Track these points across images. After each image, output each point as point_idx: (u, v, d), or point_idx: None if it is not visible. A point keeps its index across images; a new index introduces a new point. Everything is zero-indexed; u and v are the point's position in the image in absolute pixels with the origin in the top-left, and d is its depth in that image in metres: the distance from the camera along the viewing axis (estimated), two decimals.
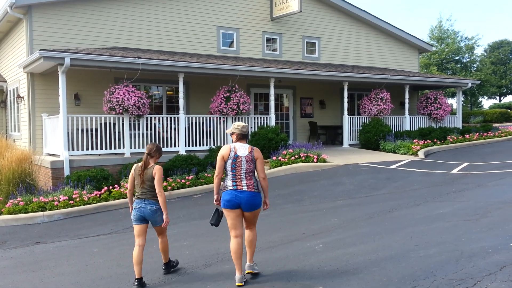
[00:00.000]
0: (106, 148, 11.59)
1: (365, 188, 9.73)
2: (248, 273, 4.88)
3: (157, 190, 4.96)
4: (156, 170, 4.98)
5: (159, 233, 5.19)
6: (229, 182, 4.80)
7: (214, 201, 4.95)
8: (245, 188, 4.74)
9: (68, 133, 11.07)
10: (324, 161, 12.56)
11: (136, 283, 4.84)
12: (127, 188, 10.11)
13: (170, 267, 5.28)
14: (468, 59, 35.78)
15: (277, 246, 5.90)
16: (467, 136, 17.13)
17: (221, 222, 4.97)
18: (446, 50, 33.73)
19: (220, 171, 4.85)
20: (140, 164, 5.09)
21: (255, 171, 4.90)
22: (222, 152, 4.84)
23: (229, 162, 4.80)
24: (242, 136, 4.92)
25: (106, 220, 8.59)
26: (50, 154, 11.94)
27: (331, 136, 17.71)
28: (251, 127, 13.87)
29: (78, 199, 9.41)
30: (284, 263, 5.15)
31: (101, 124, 11.61)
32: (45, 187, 10.72)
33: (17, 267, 5.99)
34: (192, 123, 12.95)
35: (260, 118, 14.20)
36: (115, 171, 11.15)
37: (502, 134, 18.22)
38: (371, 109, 16.52)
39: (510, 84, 44.90)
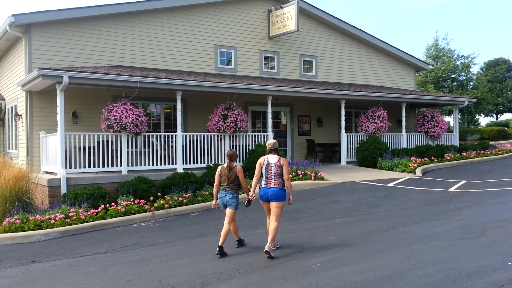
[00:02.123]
0: (103, 166, 11.57)
1: (363, 206, 9.71)
2: (266, 251, 6.23)
3: (243, 186, 6.92)
4: (239, 171, 6.89)
5: (229, 216, 6.78)
6: (263, 182, 6.66)
7: (250, 196, 6.77)
8: (272, 185, 6.56)
9: (65, 151, 11.07)
10: (322, 178, 12.56)
11: (218, 249, 6.54)
12: (124, 206, 10.11)
13: (241, 241, 7.11)
14: (464, 77, 36.14)
15: (274, 265, 5.85)
16: (464, 154, 17.19)
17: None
18: (442, 68, 34.09)
19: (258, 174, 6.71)
20: (225, 166, 6.92)
21: (282, 174, 6.58)
22: (259, 160, 6.76)
23: (263, 167, 6.67)
24: (271, 150, 6.78)
25: (102, 239, 8.52)
26: (47, 172, 11.91)
27: (329, 154, 17.75)
28: (249, 145, 13.90)
29: (74, 217, 9.36)
30: (281, 283, 5.10)
31: (98, 142, 11.63)
32: (42, 205, 10.67)
33: (12, 287, 5.92)
34: (189, 141, 12.97)
35: (258, 135, 14.24)
36: (112, 189, 11.11)
37: (499, 152, 18.29)
38: (368, 126, 16.60)
39: (507, 102, 45.28)
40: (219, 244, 6.54)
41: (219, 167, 6.95)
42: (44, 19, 12.50)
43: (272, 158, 6.68)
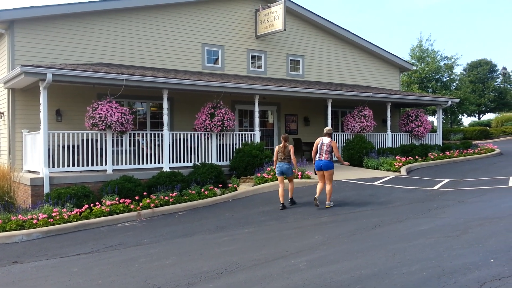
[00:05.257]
0: (87, 165, 11.42)
1: (349, 204, 9.77)
2: (326, 207, 9.31)
3: (292, 158, 9.84)
4: (290, 148, 9.88)
5: (289, 181, 10.07)
6: (317, 156, 9.54)
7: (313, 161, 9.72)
8: (323, 158, 9.42)
9: (48, 149, 10.89)
10: (308, 177, 12.61)
11: (280, 206, 9.62)
12: (108, 205, 10.01)
13: (293, 201, 10.04)
14: (447, 78, 36.67)
15: (261, 264, 5.84)
16: (447, 153, 17.45)
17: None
18: (426, 69, 34.52)
19: (315, 150, 9.60)
20: (281, 146, 9.89)
21: (332, 152, 9.46)
22: (316, 141, 9.63)
23: (319, 145, 9.52)
24: (326, 134, 9.67)
25: (86, 239, 8.41)
26: (30, 171, 11.70)
27: None
28: (236, 144, 13.87)
29: (58, 217, 9.21)
30: (268, 281, 5.10)
31: (83, 140, 11.47)
32: (24, 204, 10.47)
33: None
34: (176, 140, 12.89)
35: (245, 134, 14.23)
36: (96, 188, 10.98)
37: (481, 151, 18.61)
38: (354, 126, 16.73)
39: (489, 103, 46.08)
40: (281, 202, 9.69)
41: (277, 147, 9.99)
42: (27, 15, 12.27)
43: (326, 140, 9.52)
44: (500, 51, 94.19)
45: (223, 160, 13.58)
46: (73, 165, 11.32)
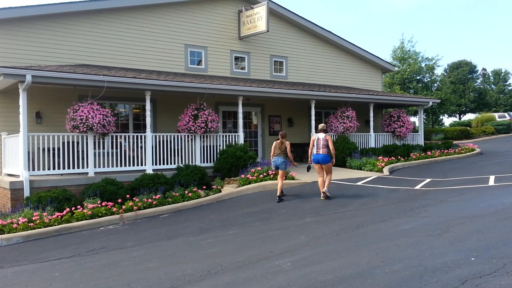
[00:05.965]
0: (69, 168, 11.23)
1: (332, 205, 9.83)
2: (323, 192, 10.13)
3: (289, 155, 10.77)
4: (287, 145, 10.72)
5: (281, 176, 10.68)
6: (314, 150, 10.26)
7: (309, 162, 10.58)
8: (321, 152, 10.13)
9: (28, 152, 10.67)
10: (293, 178, 12.64)
11: (277, 199, 10.36)
12: (90, 209, 9.85)
13: (282, 196, 10.51)
14: (429, 79, 37.27)
15: (245, 265, 5.82)
16: (429, 153, 17.71)
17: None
18: (408, 70, 35.03)
19: (312, 146, 10.32)
20: (278, 141, 10.74)
21: (328, 146, 10.17)
22: (312, 138, 10.38)
23: (315, 141, 10.25)
24: (321, 130, 10.41)
25: (67, 243, 8.26)
26: (9, 175, 11.45)
27: (299, 154, 17.87)
28: (219, 145, 13.82)
29: (38, 221, 9.03)
30: (252, 283, 5.09)
31: (63, 143, 11.27)
32: (4, 209, 10.25)
33: None
34: (159, 141, 12.77)
35: (229, 136, 14.19)
36: (78, 191, 10.80)
37: (462, 151, 18.95)
38: (337, 126, 16.85)
39: (469, 103, 47.04)
40: (278, 195, 10.38)
41: (274, 142, 10.84)
42: (6, 16, 12.02)
43: (321, 135, 10.26)
44: (480, 52, 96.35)
45: (207, 162, 13.52)
46: (54, 168, 11.11)
